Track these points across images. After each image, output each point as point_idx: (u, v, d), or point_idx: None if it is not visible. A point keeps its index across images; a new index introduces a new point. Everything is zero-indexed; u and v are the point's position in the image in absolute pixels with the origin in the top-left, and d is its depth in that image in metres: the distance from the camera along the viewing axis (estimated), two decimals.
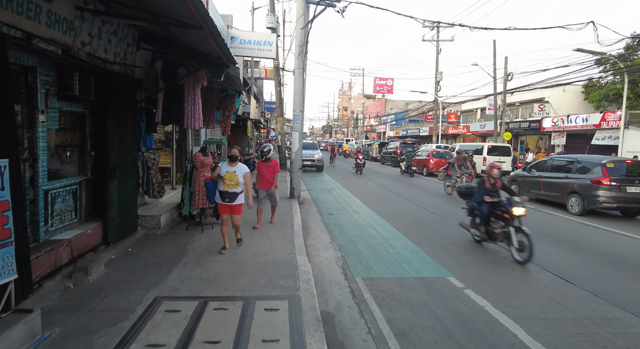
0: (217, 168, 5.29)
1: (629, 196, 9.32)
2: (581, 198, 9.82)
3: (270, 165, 6.99)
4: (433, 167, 19.17)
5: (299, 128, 10.38)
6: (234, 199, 5.26)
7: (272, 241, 6.18)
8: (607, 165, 9.70)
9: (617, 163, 9.84)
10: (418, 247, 6.47)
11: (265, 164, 6.99)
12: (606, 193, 9.33)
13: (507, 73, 22.97)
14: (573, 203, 10.11)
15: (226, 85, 8.60)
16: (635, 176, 9.64)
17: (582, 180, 9.95)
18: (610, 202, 9.30)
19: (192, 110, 6.20)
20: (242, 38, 13.30)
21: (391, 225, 8.07)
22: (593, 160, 10.23)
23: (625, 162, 10.05)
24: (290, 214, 8.38)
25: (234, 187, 5.18)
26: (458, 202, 11.02)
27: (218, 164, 5.37)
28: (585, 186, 9.76)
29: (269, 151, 6.92)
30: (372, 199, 11.52)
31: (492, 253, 6.26)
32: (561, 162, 11.21)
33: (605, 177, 9.42)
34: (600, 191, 9.39)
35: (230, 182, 5.16)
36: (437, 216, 9.20)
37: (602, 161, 9.89)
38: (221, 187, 5.22)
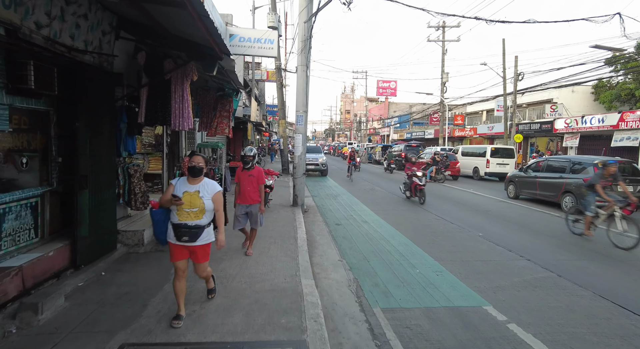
0: (169, 187, 3.43)
1: (620, 194, 9.22)
2: (575, 198, 10.02)
3: (252, 174, 5.37)
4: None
5: (302, 131, 9.55)
6: (197, 236, 3.35)
7: (272, 260, 5.33)
8: (599, 165, 9.75)
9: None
10: (441, 266, 5.59)
11: (246, 173, 5.38)
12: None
13: (518, 73, 22.11)
14: (567, 202, 10.33)
15: (222, 82, 7.79)
16: (626, 175, 9.80)
17: (575, 179, 10.21)
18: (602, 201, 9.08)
19: (181, 108, 5.38)
20: (241, 35, 12.52)
21: (407, 237, 7.20)
22: (586, 160, 10.59)
23: (617, 162, 9.92)
24: (294, 225, 7.53)
25: (197, 217, 3.33)
26: (475, 210, 10.24)
27: (171, 182, 3.51)
28: (578, 185, 9.90)
29: (253, 156, 5.38)
30: (382, 206, 10.65)
31: (526, 273, 5.37)
32: (556, 162, 11.51)
33: None
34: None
35: (191, 209, 3.29)
36: (455, 226, 8.31)
37: (594, 161, 10.13)
38: (176, 218, 3.32)
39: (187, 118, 5.40)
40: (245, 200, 5.42)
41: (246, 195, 5.38)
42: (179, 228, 3.32)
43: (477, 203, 11.71)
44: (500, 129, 28.06)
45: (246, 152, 5.40)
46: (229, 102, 8.58)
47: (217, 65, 5.46)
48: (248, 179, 5.38)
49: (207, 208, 3.37)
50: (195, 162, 3.44)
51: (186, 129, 5.40)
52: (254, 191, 5.41)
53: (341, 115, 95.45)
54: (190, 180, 3.44)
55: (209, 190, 3.42)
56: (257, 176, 5.43)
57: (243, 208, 5.46)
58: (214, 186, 3.50)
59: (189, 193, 3.34)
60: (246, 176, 5.40)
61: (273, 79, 28.32)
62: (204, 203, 3.34)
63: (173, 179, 3.56)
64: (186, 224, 3.32)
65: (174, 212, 3.36)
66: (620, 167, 9.87)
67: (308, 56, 9.46)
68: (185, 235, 3.32)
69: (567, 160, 11.13)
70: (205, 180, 3.51)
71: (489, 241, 7.09)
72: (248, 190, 5.38)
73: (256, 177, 5.42)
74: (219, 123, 8.60)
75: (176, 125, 5.39)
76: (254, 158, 5.39)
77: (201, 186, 3.42)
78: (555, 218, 9.48)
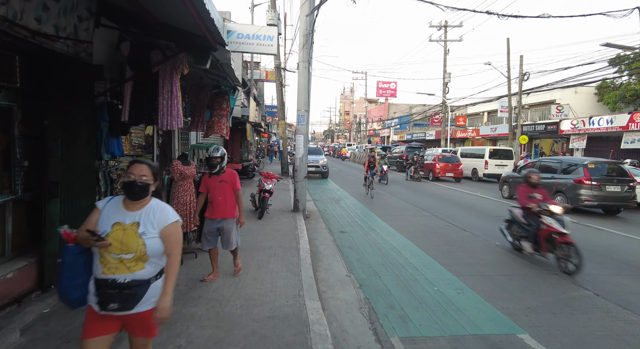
0: (94, 212, 2.10)
1: (608, 194, 9.94)
2: (565, 197, 10.33)
3: (224, 179, 4.35)
4: (440, 172, 18.82)
5: (303, 131, 8.96)
6: (134, 300, 2.01)
7: (272, 276, 4.72)
8: (588, 165, 10.33)
9: (597, 164, 10.52)
10: (462, 282, 4.99)
11: (215, 179, 4.34)
12: (587, 192, 9.93)
13: (523, 73, 21.57)
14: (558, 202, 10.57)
15: (218, 79, 7.19)
16: (614, 176, 10.24)
17: (566, 180, 10.57)
18: (591, 200, 9.88)
19: (169, 105, 4.77)
20: (239, 32, 11.91)
21: (419, 247, 6.60)
22: (576, 162, 11.02)
23: (605, 163, 10.79)
24: (295, 233, 6.93)
25: (134, 268, 2.01)
26: (487, 215, 9.60)
27: (96, 204, 2.14)
28: (568, 185, 10.37)
29: (222, 157, 4.32)
30: (388, 211, 10.06)
31: (558, 290, 4.78)
32: (548, 163, 11.77)
33: (586, 177, 10.02)
34: (582, 190, 9.98)
35: (123, 255, 1.97)
36: (469, 234, 7.72)
37: (584, 162, 10.58)
38: (99, 269, 1.99)
39: (176, 117, 4.79)
40: (215, 213, 4.38)
41: (217, 206, 4.36)
42: (102, 288, 1.98)
43: (484, 207, 11.11)
44: (504, 130, 27.55)
45: (211, 152, 4.33)
46: (226, 100, 7.97)
47: (211, 57, 4.86)
48: (219, 187, 4.35)
49: (150, 253, 2.01)
50: (134, 175, 2.03)
51: (175, 129, 4.79)
52: (227, 202, 4.37)
53: (340, 117, 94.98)
54: (128, 205, 2.08)
55: (155, 221, 2.05)
56: (231, 181, 4.40)
57: (213, 224, 4.40)
58: (166, 214, 2.10)
59: (121, 227, 2.00)
60: (215, 183, 4.36)
61: (272, 79, 27.74)
62: (145, 244, 2.00)
63: (103, 199, 2.18)
64: (114, 281, 1.97)
65: (96, 258, 2.01)
66: (609, 167, 10.40)
67: (310, 52, 8.88)
68: (114, 299, 1.97)
69: (559, 161, 11.43)
70: (152, 204, 2.12)
71: (508, 251, 6.51)
72: (219, 200, 4.34)
73: (230, 183, 4.39)
74: (215, 123, 7.98)
75: (164, 124, 4.78)
76: (222, 160, 4.35)
77: (143, 214, 2.06)
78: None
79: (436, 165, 18.94)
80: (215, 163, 4.33)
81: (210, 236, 4.45)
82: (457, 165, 19.13)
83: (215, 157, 4.33)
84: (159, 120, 4.83)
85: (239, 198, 4.48)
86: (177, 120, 4.87)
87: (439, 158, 19.21)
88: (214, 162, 4.33)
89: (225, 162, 4.38)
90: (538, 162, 12.54)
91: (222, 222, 4.40)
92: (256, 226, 7.36)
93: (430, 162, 19.64)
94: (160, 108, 4.83)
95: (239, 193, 4.49)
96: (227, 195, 4.36)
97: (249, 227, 7.21)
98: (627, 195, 10.06)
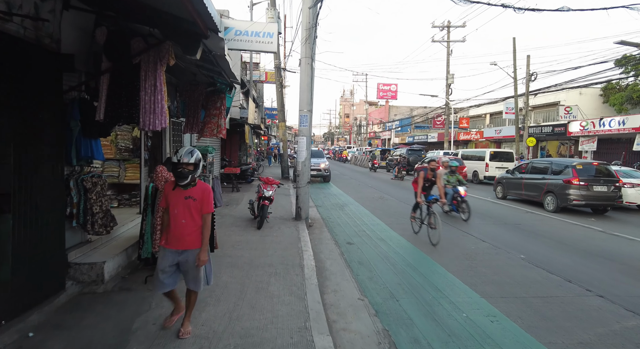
0: None
1: (595, 194, 10.42)
2: (555, 197, 10.87)
3: (191, 195, 3.12)
4: None
5: (306, 133, 8.27)
6: None
7: (273, 301, 4.02)
8: (576, 166, 10.83)
9: (585, 165, 11.02)
10: (492, 306, 4.29)
11: (180, 194, 3.12)
12: (576, 192, 10.42)
13: (530, 73, 20.94)
14: (549, 202, 11.16)
15: (212, 75, 6.51)
16: (601, 176, 10.66)
17: (556, 180, 11.00)
18: (579, 200, 10.38)
19: (152, 101, 4.09)
20: (237, 28, 11.30)
21: (437, 262, 5.90)
22: (565, 163, 11.46)
23: (593, 164, 11.22)
24: (298, 246, 6.22)
25: None
26: (504, 222, 8.82)
27: None
28: (558, 186, 10.85)
29: (195, 165, 3.09)
30: (397, 219, 9.35)
31: (609, 318, 4.08)
32: (539, 164, 12.26)
33: (574, 177, 10.51)
34: (571, 190, 10.48)
35: None
36: (489, 245, 7.02)
37: (573, 163, 11.06)
38: None
39: (160, 115, 4.10)
40: (176, 242, 3.10)
41: (178, 231, 3.08)
42: None
43: (497, 213, 10.41)
44: (509, 132, 26.92)
45: (182, 155, 3.04)
46: (221, 98, 7.27)
47: (201, 45, 4.18)
48: (183, 205, 3.08)
49: None
50: None
51: (158, 128, 4.10)
52: (191, 227, 3.10)
53: (340, 119, 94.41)
54: None
55: None
56: (201, 199, 3.12)
57: (172, 257, 3.12)
58: None
59: None
60: (180, 198, 3.09)
61: (272, 80, 27.11)
62: None
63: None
64: None
65: None
66: (596, 168, 10.92)
67: (313, 47, 8.21)
68: None
69: (549, 163, 11.92)
70: None
71: (536, 266, 5.82)
72: (182, 224, 3.07)
73: (199, 202, 3.12)
74: (207, 124, 7.27)
75: (146, 123, 4.10)
76: (195, 169, 3.07)
77: None
78: (582, 229, 8.22)
79: (440, 168, 18.39)
80: (186, 172, 3.03)
81: (166, 275, 3.12)
82: (461, 168, 18.80)
83: (187, 163, 3.03)
84: (141, 119, 4.14)
85: (206, 225, 3.14)
86: (162, 118, 4.19)
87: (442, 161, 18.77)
88: (183, 170, 3.03)
89: (199, 171, 3.13)
90: (530, 163, 12.89)
91: (185, 254, 3.12)
92: (254, 237, 6.66)
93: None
94: (142, 105, 4.14)
95: (208, 218, 3.16)
96: (194, 217, 3.12)
97: (247, 239, 6.51)
98: (613, 194, 10.63)
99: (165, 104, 4.18)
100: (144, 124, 4.14)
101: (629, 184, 11.44)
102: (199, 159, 3.14)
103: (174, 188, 3.15)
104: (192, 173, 3.07)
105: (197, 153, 3.15)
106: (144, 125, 4.15)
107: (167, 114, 4.20)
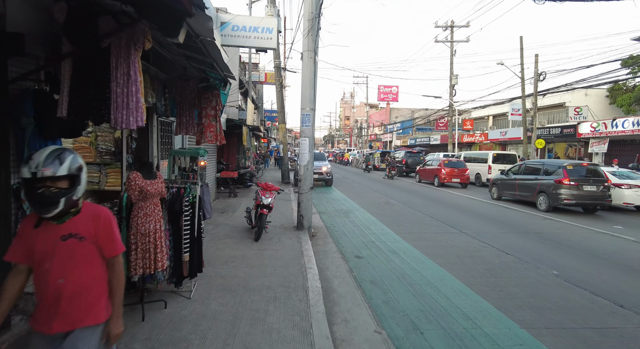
0: None
1: (585, 193, 10.76)
2: (547, 197, 11.22)
3: (74, 233, 1.82)
4: (445, 178, 17.97)
5: (309, 133, 7.54)
6: None
7: (272, 339, 3.27)
8: (567, 167, 11.19)
9: (575, 166, 11.35)
10: (539, 341, 3.54)
11: (51, 232, 1.81)
12: (566, 192, 10.77)
13: (539, 73, 20.23)
14: (541, 201, 11.48)
15: (203, 67, 5.78)
16: (590, 176, 11.00)
17: (547, 180, 11.36)
18: (569, 199, 10.72)
19: (125, 94, 3.36)
20: (234, 23, 10.61)
21: (460, 280, 5.15)
22: (556, 164, 11.89)
23: (582, 165, 11.55)
24: (301, 262, 5.47)
25: None
26: (523, 231, 7.84)
27: None
28: (550, 186, 11.20)
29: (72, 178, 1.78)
30: (407, 227, 8.61)
31: None
32: (532, 166, 12.64)
33: (565, 178, 10.88)
34: (562, 190, 10.84)
35: None
36: (514, 258, 6.27)
37: (564, 164, 11.46)
38: None
39: (134, 111, 3.36)
40: (50, 319, 1.77)
41: (54, 299, 1.78)
42: None
43: (513, 220, 9.65)
44: (515, 134, 26.24)
45: (40, 163, 1.70)
46: (216, 96, 6.52)
47: (185, 25, 3.45)
48: (60, 251, 1.80)
49: None
50: None
51: (133, 127, 3.36)
52: (78, 289, 1.81)
53: (340, 122, 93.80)
54: None
55: None
56: (97, 235, 1.87)
57: (47, 344, 1.80)
58: None
59: None
60: (52, 242, 1.80)
61: (271, 81, 26.43)
62: None
63: None
64: None
65: None
66: (586, 169, 11.26)
67: (316, 39, 7.49)
68: None
69: (542, 164, 12.32)
70: None
71: (575, 285, 5.07)
72: (59, 286, 1.77)
73: (92, 240, 1.86)
74: (206, 127, 6.51)
75: (118, 121, 3.36)
76: (72, 186, 1.78)
77: None
78: (611, 239, 7.46)
79: (442, 171, 18.12)
80: (52, 193, 1.73)
81: None
82: (464, 171, 18.36)
83: (51, 176, 1.72)
84: (112, 116, 3.40)
85: (115, 276, 1.93)
86: (138, 115, 3.45)
87: (445, 163, 18.39)
88: (46, 191, 1.72)
89: (80, 189, 1.83)
90: (523, 164, 13.16)
91: (73, 340, 1.79)
92: (251, 251, 5.91)
93: (436, 167, 18.76)
94: (114, 99, 3.40)
95: (115, 263, 1.93)
96: (80, 273, 1.83)
97: (242, 253, 5.76)
98: (602, 194, 10.86)
99: (142, 98, 3.45)
100: (115, 122, 3.40)
101: (627, 185, 11.57)
102: (78, 167, 1.82)
103: (36, 225, 1.81)
104: (65, 195, 1.75)
105: (71, 156, 1.82)
106: (116, 123, 3.41)
107: (144, 109, 3.46)
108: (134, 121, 3.40)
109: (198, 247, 4.07)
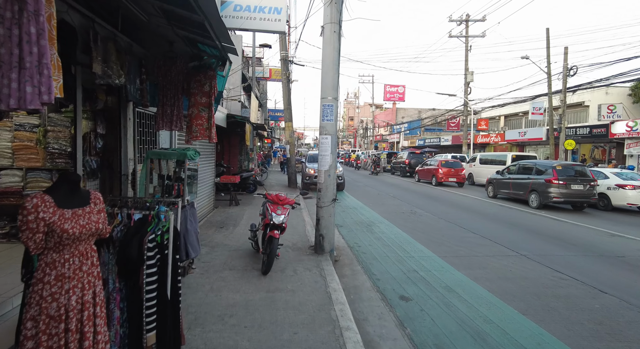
0: None
1: (573, 192, 11.50)
2: (538, 195, 11.99)
3: None
4: (443, 177, 18.73)
5: (331, 130, 5.86)
6: None
7: None
8: (557, 167, 11.90)
9: (564, 166, 12.06)
10: None
11: None
12: (555, 190, 11.52)
13: (569, 67, 18.48)
14: (533, 199, 12.27)
15: (195, 37, 4.13)
16: (578, 176, 11.78)
17: (539, 180, 12.15)
18: (558, 197, 11.49)
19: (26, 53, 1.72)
20: (237, 2, 9.05)
21: (562, 341, 3.48)
22: (547, 164, 12.67)
23: (572, 165, 12.49)
24: (331, 317, 3.78)
25: None
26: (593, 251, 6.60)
27: None
28: (541, 184, 11.97)
29: None
30: (450, 247, 6.92)
31: None
32: (525, 166, 13.35)
33: (554, 177, 11.61)
34: (552, 189, 11.59)
35: None
36: (616, 299, 4.58)
37: (553, 164, 12.19)
38: None
39: (47, 79, 1.73)
40: None
41: None
42: None
43: (570, 235, 7.95)
44: (535, 135, 24.51)
45: None
46: (210, 78, 4.84)
47: None
48: None
49: None
50: None
51: (37, 106, 1.74)
52: None
53: (344, 122, 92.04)
54: None
55: None
56: None
57: None
58: None
59: None
60: None
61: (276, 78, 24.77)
62: None
63: None
64: None
65: None
66: (575, 169, 12.07)
67: (341, 8, 5.82)
68: None
69: (534, 164, 13.10)
70: None
71: None
72: None
73: None
74: (193, 119, 4.84)
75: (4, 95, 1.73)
76: None
77: None
78: None
79: (439, 171, 19.02)
80: None
81: None
82: (460, 170, 19.08)
83: None
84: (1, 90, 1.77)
85: None
86: (48, 87, 1.82)
87: (442, 163, 19.28)
88: None
89: None
90: (518, 165, 13.76)
91: None
92: (259, 295, 4.20)
93: (434, 167, 19.53)
94: (7, 61, 1.78)
95: None
96: None
97: (246, 299, 4.08)
98: (588, 192, 11.60)
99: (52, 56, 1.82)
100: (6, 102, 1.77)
101: (631, 186, 11.78)
102: None
103: None
104: None
105: None
106: (6, 102, 1.78)
107: (53, 82, 1.83)
108: (38, 97, 1.78)
109: (173, 316, 2.41)
